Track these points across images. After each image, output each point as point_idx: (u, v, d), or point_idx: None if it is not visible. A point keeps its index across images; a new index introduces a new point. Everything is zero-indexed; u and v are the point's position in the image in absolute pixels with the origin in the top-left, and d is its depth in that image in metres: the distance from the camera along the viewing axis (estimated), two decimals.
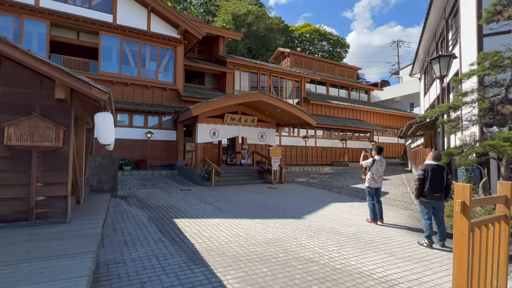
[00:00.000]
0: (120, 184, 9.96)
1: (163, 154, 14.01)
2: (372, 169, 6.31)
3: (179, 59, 14.39)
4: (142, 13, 13.72)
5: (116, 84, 13.13)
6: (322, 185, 11.79)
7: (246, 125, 12.39)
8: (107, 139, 4.05)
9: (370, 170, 6.33)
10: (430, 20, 13.87)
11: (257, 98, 10.77)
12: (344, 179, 13.73)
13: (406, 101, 32.68)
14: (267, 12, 37.73)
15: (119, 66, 13.12)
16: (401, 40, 46.58)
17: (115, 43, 13.11)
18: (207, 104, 9.89)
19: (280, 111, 11.92)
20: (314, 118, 12.11)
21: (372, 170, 6.32)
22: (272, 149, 12.11)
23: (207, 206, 7.15)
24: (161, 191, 9.04)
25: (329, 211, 7.22)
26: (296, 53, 24.61)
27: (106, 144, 4.12)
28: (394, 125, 25.68)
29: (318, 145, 19.41)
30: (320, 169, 17.41)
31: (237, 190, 9.79)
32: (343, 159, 19.86)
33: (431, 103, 16.10)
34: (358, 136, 21.73)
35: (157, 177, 12.12)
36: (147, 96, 13.84)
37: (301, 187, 11.30)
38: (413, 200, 9.03)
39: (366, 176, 6.44)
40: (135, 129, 13.41)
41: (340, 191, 10.46)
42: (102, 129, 4.00)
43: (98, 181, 7.56)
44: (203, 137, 11.42)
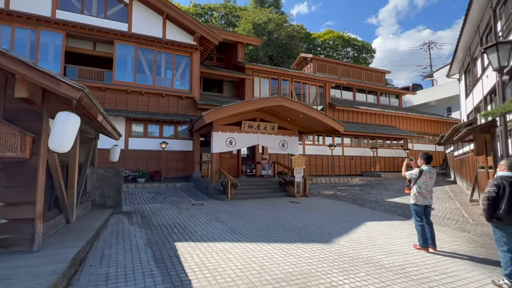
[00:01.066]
0: (130, 197, 9.26)
1: (178, 165, 13.32)
2: (419, 182, 5.00)
3: (195, 66, 13.83)
4: (157, 21, 13.40)
5: (130, 93, 12.75)
6: (352, 199, 10.40)
7: (266, 133, 11.39)
8: (58, 144, 3.17)
9: (417, 184, 5.02)
10: (472, 12, 12.22)
11: (276, 102, 9.78)
12: (378, 192, 12.18)
13: (442, 105, 30.14)
14: (288, 19, 37.12)
15: (133, 75, 12.76)
16: (432, 42, 43.86)
17: (130, 51, 12.81)
18: (221, 110, 9.04)
19: (303, 116, 10.81)
20: (341, 124, 10.86)
21: (419, 184, 5.01)
22: (295, 159, 10.97)
23: (218, 225, 6.14)
24: (171, 206, 8.18)
25: (364, 232, 5.93)
26: (319, 58, 23.48)
27: (56, 150, 3.25)
28: (430, 131, 23.48)
29: (345, 154, 17.91)
30: (349, 180, 15.89)
31: (255, 205, 8.72)
32: (374, 169, 18.15)
33: (476, 105, 14.18)
34: (390, 144, 19.93)
35: (171, 190, 11.37)
36: (162, 105, 13.33)
37: (328, 201, 10.00)
38: (466, 218, 7.45)
39: (411, 191, 5.13)
40: (150, 139, 12.88)
41: (374, 206, 9.04)
42: (58, 132, 3.14)
43: (100, 196, 6.85)
44: (219, 146, 10.55)
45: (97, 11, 12.49)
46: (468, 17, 12.47)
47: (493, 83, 10.82)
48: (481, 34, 12.68)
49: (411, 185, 5.14)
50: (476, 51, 13.83)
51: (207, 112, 8.85)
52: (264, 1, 38.92)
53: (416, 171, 5.05)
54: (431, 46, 44.88)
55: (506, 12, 10.10)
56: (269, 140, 11.53)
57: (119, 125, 12.30)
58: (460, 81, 18.89)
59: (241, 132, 10.97)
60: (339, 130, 10.91)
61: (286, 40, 33.79)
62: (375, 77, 24.80)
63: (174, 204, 8.57)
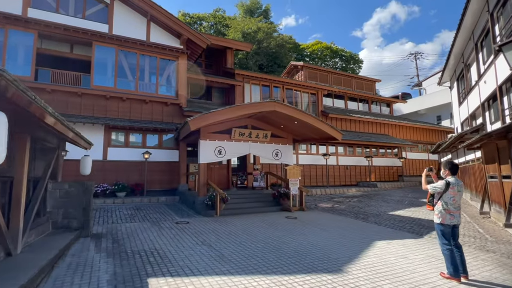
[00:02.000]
0: (105, 215, 8.12)
1: (163, 177, 12.23)
2: (446, 197, 4.19)
3: (181, 71, 12.95)
4: (141, 22, 12.52)
5: (110, 99, 11.70)
6: (354, 213, 9.56)
7: (258, 141, 10.52)
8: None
9: (442, 199, 4.20)
10: (467, 18, 11.86)
11: (269, 108, 8.96)
12: (377, 204, 11.41)
13: (432, 113, 30.16)
14: (277, 29, 36.96)
15: (114, 80, 11.74)
16: (418, 52, 44.63)
17: (110, 54, 11.83)
18: (209, 115, 8.13)
19: (298, 123, 10.02)
20: (339, 131, 10.12)
21: (445, 199, 4.19)
22: (290, 169, 10.11)
23: (205, 251, 5.13)
24: (151, 226, 7.11)
25: (378, 256, 5.05)
26: (310, 65, 23.05)
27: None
28: (423, 140, 23.16)
29: (340, 163, 17.21)
30: (345, 191, 15.11)
31: (247, 222, 7.74)
32: (369, 179, 17.48)
33: (472, 113, 13.78)
34: (384, 153, 19.38)
35: (153, 205, 10.25)
36: (145, 112, 12.31)
37: (327, 215, 9.12)
38: (483, 234, 6.70)
39: (435, 208, 4.30)
40: (132, 149, 11.79)
41: (379, 221, 8.21)
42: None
43: (64, 216, 5.75)
44: (207, 156, 9.60)
45: (75, 11, 11.53)
46: (462, 23, 12.11)
47: (493, 89, 10.36)
48: (476, 40, 12.33)
49: (435, 200, 4.32)
50: (470, 57, 13.52)
51: (193, 118, 7.91)
52: (253, 11, 38.82)
53: (441, 184, 4.22)
54: (417, 56, 45.69)
55: (505, 15, 9.72)
56: (262, 149, 10.65)
57: (97, 134, 11.19)
58: (452, 88, 18.66)
59: (231, 141, 10.07)
60: (337, 138, 10.16)
61: (275, 49, 33.51)
62: (366, 85, 24.51)
63: (155, 223, 7.50)
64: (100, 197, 10.54)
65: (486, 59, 11.54)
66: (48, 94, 10.78)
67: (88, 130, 10.99)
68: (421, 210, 10.06)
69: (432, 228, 7.31)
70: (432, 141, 23.74)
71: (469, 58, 13.76)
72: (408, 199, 12.71)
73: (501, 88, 9.73)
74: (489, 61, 10.82)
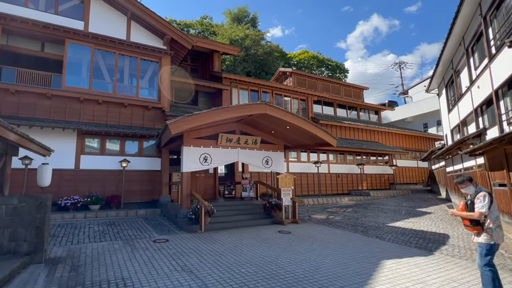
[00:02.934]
0: (71, 233, 7.01)
1: (144, 188, 11.16)
2: (494, 210, 3.49)
3: (164, 73, 12.06)
4: (121, 20, 11.62)
5: (84, 102, 10.63)
6: (351, 225, 8.81)
7: (247, 147, 9.69)
8: None
9: (492, 213, 3.46)
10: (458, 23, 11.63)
11: (259, 110, 8.19)
12: (374, 214, 10.74)
13: (419, 121, 30.32)
14: (264, 36, 36.73)
15: (89, 81, 10.71)
16: (403, 62, 45.48)
17: (85, 53, 10.83)
18: (191, 118, 7.24)
19: (290, 128, 9.29)
20: (334, 137, 9.44)
21: (495, 212, 3.49)
22: (282, 178, 9.31)
23: (185, 280, 4.20)
24: (123, 246, 6.09)
25: (391, 281, 4.26)
26: (299, 72, 22.63)
27: None
28: (412, 147, 22.97)
29: (332, 171, 16.57)
30: (338, 201, 14.42)
31: (236, 239, 6.84)
32: (361, 187, 16.90)
33: (463, 119, 13.49)
34: (375, 160, 18.93)
35: (131, 219, 9.18)
36: (124, 117, 11.29)
37: (324, 229, 8.32)
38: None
39: (487, 228, 3.46)
40: (108, 157, 10.70)
41: (381, 235, 7.48)
42: None
43: (11, 238, 4.69)
44: (191, 164, 8.67)
45: (46, 6, 10.52)
46: (453, 28, 11.86)
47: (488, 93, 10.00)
48: (467, 45, 12.09)
49: (486, 222, 3.51)
50: (460, 63, 13.32)
51: (174, 121, 7.01)
52: (241, 19, 38.58)
53: (487, 199, 3.46)
54: (401, 66, 46.54)
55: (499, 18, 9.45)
56: (251, 156, 9.83)
57: (68, 140, 10.08)
58: (440, 96, 18.55)
59: (218, 147, 9.20)
60: (332, 144, 9.47)
61: (263, 56, 33.20)
62: (354, 93, 24.31)
63: (128, 241, 6.47)
64: (70, 211, 9.38)
65: (478, 64, 11.26)
66: (12, 95, 9.64)
67: (57, 136, 9.87)
68: (421, 220, 9.44)
69: (440, 242, 6.65)
70: (421, 148, 23.62)
71: (459, 64, 13.55)
72: (404, 208, 12.13)
73: (497, 92, 9.36)
74: (482, 65, 10.52)
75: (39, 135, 9.04)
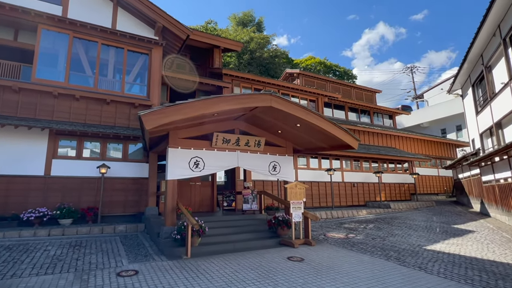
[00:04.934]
0: (15, 259, 5.32)
1: (129, 198, 9.51)
2: None
3: (155, 66, 10.53)
4: (106, 6, 10.20)
5: (60, 97, 9.11)
6: (380, 248, 6.95)
7: (248, 150, 7.99)
8: None
9: None
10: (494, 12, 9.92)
11: (263, 102, 6.50)
12: (403, 232, 8.84)
13: (436, 126, 28.29)
14: (270, 39, 35.43)
15: (65, 73, 9.22)
16: (415, 66, 43.57)
17: (62, 42, 9.38)
18: (173, 109, 5.53)
19: (301, 126, 7.57)
20: (355, 137, 7.69)
21: None
22: (291, 188, 7.53)
23: None
24: (72, 283, 4.36)
25: None
26: (307, 73, 21.06)
27: None
28: (432, 154, 20.95)
29: (346, 180, 14.70)
30: (355, 214, 12.52)
31: (230, 271, 5.06)
32: (380, 198, 14.96)
33: (498, 121, 11.59)
34: (394, 168, 17.00)
35: (106, 237, 7.47)
36: (106, 115, 9.73)
37: (346, 254, 6.48)
38: None
39: None
40: (87, 162, 9.10)
41: (424, 264, 5.61)
42: None
43: None
44: (178, 170, 6.99)
45: None
46: (487, 17, 10.16)
47: None
48: (506, 35, 10.30)
49: None
50: (493, 57, 11.52)
51: (150, 111, 5.31)
52: (246, 23, 37.46)
53: None
54: (413, 70, 44.68)
55: None
56: (254, 161, 8.10)
57: (37, 142, 8.54)
58: (464, 97, 16.65)
59: (213, 149, 7.51)
60: (353, 146, 7.69)
61: (269, 60, 31.87)
62: (366, 96, 22.59)
63: (82, 275, 4.74)
64: (34, 226, 7.75)
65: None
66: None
67: (23, 136, 8.33)
68: (466, 242, 7.52)
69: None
70: (441, 155, 21.59)
71: (491, 58, 11.72)
72: (437, 224, 10.19)
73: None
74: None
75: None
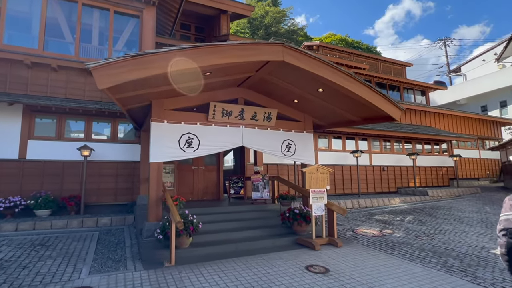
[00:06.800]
0: None
1: (120, 186, 8.20)
2: None
3: (147, 32, 8.90)
4: None
5: (34, 68, 7.75)
6: (430, 251, 5.16)
7: (256, 125, 6.30)
8: None
9: None
10: None
11: (271, 56, 4.71)
12: (453, 227, 6.95)
13: (475, 103, 25.15)
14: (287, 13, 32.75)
15: (40, 38, 7.80)
16: (448, 38, 39.21)
17: (36, 2, 7.92)
18: (141, 61, 3.74)
19: (325, 92, 5.74)
20: (397, 105, 5.77)
21: None
22: (311, 173, 5.80)
23: None
24: None
25: None
26: (328, 45, 18.76)
27: None
28: (474, 134, 18.31)
29: (374, 163, 12.73)
30: (386, 202, 10.65)
31: None
32: (414, 184, 12.91)
33: None
34: (430, 149, 14.75)
35: (84, 232, 6.17)
36: (91, 88, 8.30)
37: (386, 261, 4.76)
38: None
39: None
40: (69, 144, 7.79)
41: (503, 280, 3.81)
42: None
43: None
44: (165, 149, 5.45)
45: None
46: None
47: None
48: None
49: None
50: None
51: (103, 63, 3.61)
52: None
53: None
54: (447, 42, 40.39)
55: None
56: (263, 139, 6.42)
57: (9, 120, 7.28)
58: None
59: (210, 124, 5.89)
60: (394, 117, 5.77)
61: (286, 36, 29.44)
62: (394, 70, 20.00)
63: None
64: (5, 218, 6.61)
65: None
66: None
67: None
68: None
69: None
70: (483, 134, 18.88)
71: None
72: (494, 217, 8.18)
73: None
74: None
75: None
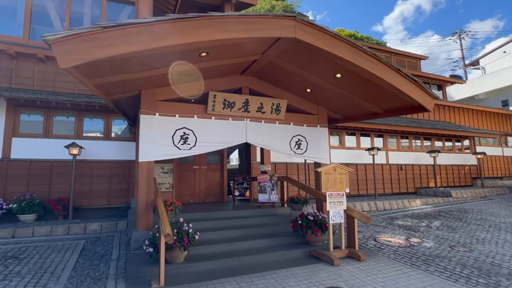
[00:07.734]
0: None
1: (114, 187, 7.52)
2: None
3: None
4: None
5: (19, 59, 7.10)
6: (473, 267, 4.26)
7: (262, 118, 5.49)
8: None
9: None
10: None
11: (282, 31, 3.87)
12: (490, 235, 6.00)
13: (495, 97, 23.77)
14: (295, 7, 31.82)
15: (25, 27, 7.14)
16: (463, 31, 37.49)
17: None
18: (118, 33, 2.96)
19: (344, 77, 4.87)
20: (430, 92, 4.85)
21: None
22: (327, 173, 4.95)
23: None
24: None
25: None
26: None
27: None
28: (496, 130, 17.09)
29: (391, 161, 11.75)
30: (406, 205, 9.70)
31: None
32: (435, 184, 11.86)
33: None
34: (451, 147, 13.67)
35: (69, 240, 5.46)
36: None
37: (421, 282, 3.88)
38: None
39: None
40: (58, 141, 7.12)
41: None
42: None
43: None
44: (156, 146, 4.69)
45: None
46: None
47: None
48: None
49: None
50: None
51: (68, 34, 2.84)
52: None
53: None
54: (461, 36, 38.73)
55: None
56: (270, 135, 5.59)
57: None
58: None
59: (209, 117, 5.09)
60: (426, 107, 4.85)
61: None
62: (409, 63, 18.92)
63: None
64: None
65: None
66: None
67: None
68: None
69: None
70: (506, 131, 17.64)
71: None
72: None
73: None
74: None
75: None
